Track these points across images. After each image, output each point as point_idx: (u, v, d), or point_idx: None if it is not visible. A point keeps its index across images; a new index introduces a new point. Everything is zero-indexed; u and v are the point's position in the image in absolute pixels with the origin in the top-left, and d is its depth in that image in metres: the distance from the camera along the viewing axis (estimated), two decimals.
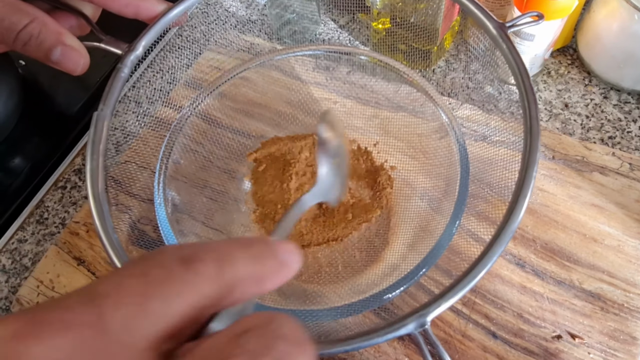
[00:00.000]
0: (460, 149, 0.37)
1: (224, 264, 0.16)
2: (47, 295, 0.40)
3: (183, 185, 0.41)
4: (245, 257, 0.17)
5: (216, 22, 0.60)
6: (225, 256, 0.16)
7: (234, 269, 0.16)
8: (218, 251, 0.16)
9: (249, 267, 0.16)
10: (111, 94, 0.32)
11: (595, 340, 0.35)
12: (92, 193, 0.29)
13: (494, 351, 0.35)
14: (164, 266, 0.15)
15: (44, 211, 0.47)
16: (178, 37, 0.58)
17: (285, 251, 0.18)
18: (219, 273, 0.16)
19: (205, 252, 0.16)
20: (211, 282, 0.15)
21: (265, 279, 0.17)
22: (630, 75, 0.45)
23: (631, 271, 0.37)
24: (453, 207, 0.35)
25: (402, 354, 0.35)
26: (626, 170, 0.41)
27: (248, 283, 0.16)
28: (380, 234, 0.41)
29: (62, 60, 0.28)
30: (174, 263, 0.15)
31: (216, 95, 0.45)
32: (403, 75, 0.41)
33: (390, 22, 0.49)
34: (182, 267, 0.15)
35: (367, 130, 0.45)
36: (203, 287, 0.15)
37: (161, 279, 0.15)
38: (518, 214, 0.27)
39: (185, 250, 0.16)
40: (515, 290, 0.37)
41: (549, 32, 0.42)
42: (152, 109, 0.52)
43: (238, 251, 0.17)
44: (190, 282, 0.15)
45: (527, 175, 0.28)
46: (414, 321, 0.22)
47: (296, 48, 0.44)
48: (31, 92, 0.54)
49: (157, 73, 0.56)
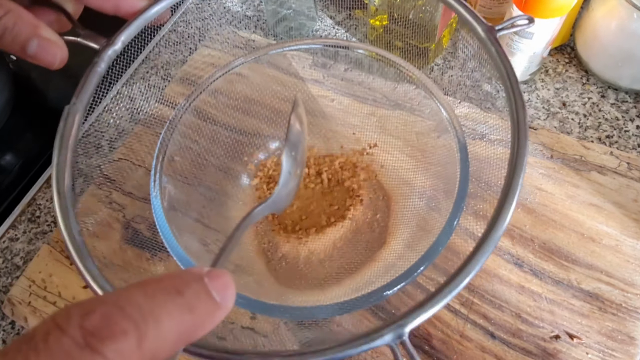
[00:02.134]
0: (460, 146, 0.37)
1: (147, 330, 0.13)
2: (40, 295, 0.39)
3: (178, 183, 0.41)
4: (173, 312, 0.14)
5: (211, 18, 0.59)
6: (149, 317, 0.13)
7: (160, 334, 0.13)
8: (137, 311, 0.13)
9: (178, 324, 0.14)
10: (85, 88, 0.30)
11: (593, 340, 0.34)
12: (57, 189, 0.27)
13: (492, 351, 0.35)
14: (59, 356, 0.12)
15: (35, 209, 0.46)
16: (172, 33, 0.57)
17: (222, 287, 0.15)
18: (140, 347, 0.13)
19: (121, 317, 0.13)
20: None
21: (196, 331, 0.14)
22: (628, 74, 0.45)
23: (629, 271, 0.37)
24: (452, 205, 0.35)
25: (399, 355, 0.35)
26: (624, 169, 0.41)
27: (175, 345, 0.14)
28: (377, 233, 0.40)
29: (39, 53, 0.27)
30: (75, 348, 0.12)
31: (212, 92, 0.44)
32: (402, 70, 0.41)
33: (387, 19, 0.48)
34: (87, 355, 0.12)
35: (365, 128, 0.44)
36: None
37: None
38: (501, 225, 0.25)
39: (92, 318, 0.12)
40: (514, 290, 0.37)
41: (548, 31, 0.42)
42: (146, 106, 0.51)
43: (165, 304, 0.13)
44: None
45: (514, 183, 0.27)
46: (392, 332, 0.21)
47: (292, 42, 0.43)
48: (22, 88, 0.53)
49: (151, 69, 0.55)
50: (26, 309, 0.39)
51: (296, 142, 0.33)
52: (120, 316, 0.13)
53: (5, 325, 0.40)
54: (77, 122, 0.29)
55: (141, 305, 0.13)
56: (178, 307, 0.14)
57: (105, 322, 0.12)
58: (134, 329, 0.13)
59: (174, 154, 0.42)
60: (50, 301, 0.39)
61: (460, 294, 0.37)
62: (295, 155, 0.33)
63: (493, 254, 0.38)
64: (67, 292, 0.39)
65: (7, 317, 0.40)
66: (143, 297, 0.13)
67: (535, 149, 0.42)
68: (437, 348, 0.35)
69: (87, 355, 0.12)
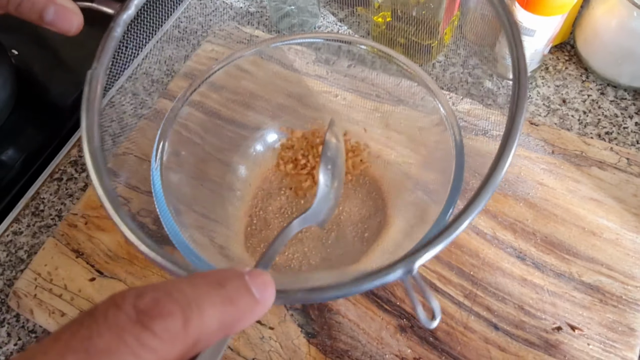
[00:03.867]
0: (456, 139, 0.37)
1: (191, 315, 0.14)
2: (45, 287, 0.39)
3: (181, 177, 0.41)
4: (216, 302, 0.15)
5: (214, 14, 0.59)
6: (193, 304, 0.14)
7: (203, 320, 0.14)
8: (183, 297, 0.14)
9: (220, 313, 0.15)
10: (104, 53, 0.32)
11: (594, 332, 0.35)
12: (89, 149, 0.29)
13: (496, 342, 0.35)
14: (115, 329, 0.13)
15: (39, 203, 0.46)
16: (175, 29, 0.58)
17: (262, 285, 0.16)
18: (186, 328, 0.14)
19: (169, 301, 0.14)
20: (174, 342, 0.13)
21: (236, 323, 0.15)
22: (627, 71, 0.45)
23: (629, 264, 0.37)
24: (447, 194, 0.35)
25: (404, 346, 0.35)
26: (624, 165, 0.41)
27: (217, 333, 0.15)
28: (375, 226, 0.41)
29: (56, 20, 0.28)
30: (128, 323, 0.13)
31: (216, 87, 0.44)
32: (402, 66, 0.41)
33: (390, 15, 0.49)
34: (138, 329, 0.13)
35: (368, 123, 0.45)
36: (165, 350, 0.13)
37: (110, 350, 0.13)
38: (507, 156, 0.26)
39: (144, 299, 0.14)
40: (516, 282, 0.37)
41: (550, 28, 0.42)
42: (149, 101, 0.51)
43: (208, 294, 0.15)
44: (148, 347, 0.13)
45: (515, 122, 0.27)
46: (402, 267, 0.22)
47: (295, 35, 0.44)
48: (25, 82, 0.53)
49: (154, 64, 0.55)
50: (32, 302, 0.39)
51: (333, 157, 0.35)
52: (169, 300, 0.14)
53: (10, 319, 0.40)
54: (101, 84, 0.31)
55: (187, 293, 0.14)
56: (220, 298, 0.15)
57: (155, 304, 0.14)
58: (180, 312, 0.14)
59: (179, 147, 0.42)
60: (56, 294, 0.39)
61: (464, 286, 0.37)
62: (332, 169, 0.35)
63: (495, 247, 0.39)
64: (73, 284, 0.39)
65: (12, 310, 0.41)
66: (189, 286, 0.15)
67: (537, 144, 0.43)
68: (441, 339, 0.36)
69: (138, 329, 0.13)
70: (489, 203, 0.41)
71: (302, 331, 0.37)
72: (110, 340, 0.13)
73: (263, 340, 0.37)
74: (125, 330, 0.13)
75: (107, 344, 0.13)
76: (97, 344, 0.13)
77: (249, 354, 0.36)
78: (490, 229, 0.39)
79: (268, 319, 0.37)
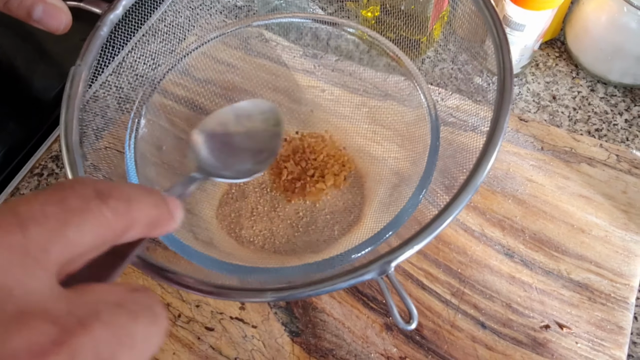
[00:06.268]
0: (431, 115, 0.36)
1: (132, 203, 0.18)
2: None
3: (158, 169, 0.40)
4: (148, 202, 0.18)
5: (201, 8, 0.58)
6: (133, 197, 0.18)
7: (138, 210, 0.18)
8: (128, 192, 0.18)
9: (149, 210, 0.18)
10: (89, 51, 0.32)
11: (582, 330, 0.35)
12: (66, 144, 0.29)
13: (483, 341, 0.35)
14: (82, 197, 0.16)
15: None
16: (161, 22, 0.56)
17: (175, 206, 0.20)
18: (127, 211, 0.17)
19: (118, 191, 0.17)
20: (120, 218, 0.17)
21: (156, 225, 0.19)
22: (617, 67, 0.45)
23: (618, 261, 0.37)
24: (419, 180, 0.34)
25: (390, 345, 0.35)
26: (613, 161, 0.41)
27: (144, 225, 0.18)
28: (348, 221, 0.40)
29: (44, 18, 0.28)
30: (91, 196, 0.16)
31: (200, 80, 0.44)
32: (389, 53, 0.40)
33: (380, 10, 0.48)
34: (98, 201, 0.16)
35: (355, 118, 0.44)
36: (112, 221, 0.17)
37: (80, 209, 0.16)
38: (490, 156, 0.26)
39: (101, 185, 0.17)
40: (504, 280, 0.37)
41: (539, 23, 0.42)
42: (133, 95, 0.50)
43: (143, 195, 0.18)
44: (103, 215, 0.16)
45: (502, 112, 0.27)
46: (378, 267, 0.22)
47: (278, 14, 0.43)
48: (6, 76, 0.52)
49: (139, 58, 0.54)
50: None
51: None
52: (118, 190, 0.17)
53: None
54: (83, 82, 0.32)
55: (130, 191, 0.18)
56: (150, 201, 0.19)
57: (109, 190, 0.17)
58: (125, 198, 0.17)
59: (161, 142, 0.41)
60: None
61: (451, 284, 0.37)
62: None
63: (484, 244, 0.38)
64: None
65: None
66: (130, 187, 0.18)
67: (526, 140, 0.42)
68: (428, 338, 0.35)
69: (98, 201, 0.16)
70: (477, 199, 0.40)
71: (285, 330, 0.36)
72: (81, 203, 0.16)
73: (246, 339, 0.36)
74: (90, 200, 0.16)
75: (77, 205, 0.16)
76: (70, 203, 0.16)
77: (232, 353, 0.35)
78: (478, 226, 0.39)
79: (251, 317, 0.36)
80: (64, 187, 0.17)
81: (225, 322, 0.36)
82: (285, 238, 0.39)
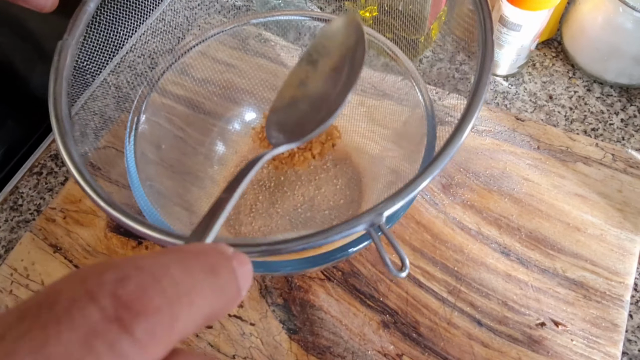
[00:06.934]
0: (429, 122, 0.37)
1: (181, 312, 0.11)
2: (22, 283, 0.38)
3: (158, 168, 0.40)
4: (208, 294, 0.12)
5: (200, 7, 0.58)
6: (185, 298, 0.11)
7: (191, 315, 0.11)
8: (174, 287, 0.11)
9: (209, 306, 0.12)
10: (76, 26, 0.32)
11: (578, 328, 0.35)
12: (55, 116, 0.29)
13: (479, 338, 0.35)
14: (83, 330, 0.09)
15: (18, 197, 0.45)
16: (160, 22, 0.57)
17: (247, 274, 0.13)
18: (171, 329, 0.10)
19: (157, 291, 0.10)
20: (154, 348, 0.10)
21: (216, 317, 0.13)
22: (613, 67, 0.45)
23: (613, 260, 0.37)
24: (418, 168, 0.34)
25: (387, 342, 0.35)
26: (609, 161, 0.41)
27: (199, 327, 0.12)
28: (345, 218, 0.40)
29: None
30: (102, 322, 0.09)
31: (199, 80, 0.44)
32: (387, 52, 0.41)
33: (377, 10, 0.48)
34: (115, 331, 0.09)
35: (353, 117, 0.44)
36: (143, 356, 0.10)
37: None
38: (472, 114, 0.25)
39: (129, 286, 0.10)
40: (500, 278, 0.37)
41: (536, 23, 0.42)
42: (133, 94, 0.50)
43: (201, 284, 0.12)
44: (123, 358, 0.10)
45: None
46: (370, 219, 0.22)
47: (276, 12, 0.43)
48: (4, 75, 0.52)
49: (138, 57, 0.54)
50: (7, 298, 0.38)
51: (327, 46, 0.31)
52: (157, 289, 0.11)
53: None
54: (70, 55, 0.32)
55: (178, 282, 0.11)
56: (212, 289, 0.12)
57: (142, 293, 0.10)
58: (168, 308, 0.10)
59: (160, 141, 0.41)
60: (32, 289, 0.38)
61: (448, 282, 0.37)
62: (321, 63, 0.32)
63: (480, 242, 0.38)
64: (50, 280, 0.39)
65: None
66: (181, 271, 0.11)
67: (523, 140, 0.43)
68: (425, 335, 0.35)
69: (115, 331, 0.10)
70: (474, 198, 0.40)
71: (283, 327, 0.36)
72: (73, 349, 0.09)
73: (244, 336, 0.36)
74: (97, 335, 0.09)
75: (66, 355, 0.09)
76: (51, 355, 0.09)
77: (230, 351, 0.36)
78: (474, 225, 0.39)
79: (249, 314, 0.37)
80: (54, 311, 0.10)
81: (223, 320, 0.37)
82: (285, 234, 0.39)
